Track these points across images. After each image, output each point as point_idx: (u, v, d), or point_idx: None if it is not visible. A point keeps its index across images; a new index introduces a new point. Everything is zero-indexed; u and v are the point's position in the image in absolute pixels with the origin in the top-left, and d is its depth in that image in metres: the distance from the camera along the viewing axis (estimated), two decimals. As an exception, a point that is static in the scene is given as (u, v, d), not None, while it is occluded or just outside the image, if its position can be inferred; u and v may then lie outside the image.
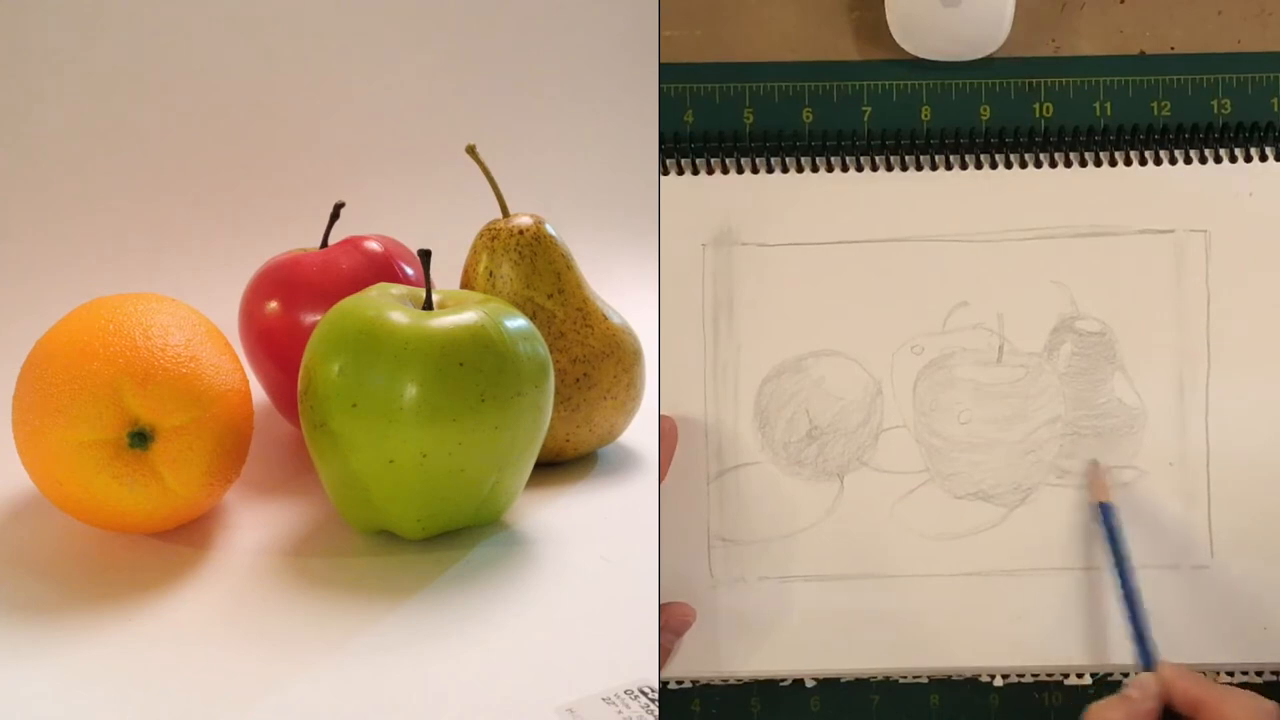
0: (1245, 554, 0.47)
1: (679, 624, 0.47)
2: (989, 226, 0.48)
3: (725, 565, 0.48)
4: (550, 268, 0.61)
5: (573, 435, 0.61)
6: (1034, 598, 0.48)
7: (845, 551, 0.48)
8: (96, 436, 0.49)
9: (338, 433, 0.50)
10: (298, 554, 0.53)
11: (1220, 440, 0.48)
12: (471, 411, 0.50)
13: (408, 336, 0.50)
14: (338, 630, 0.47)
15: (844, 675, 0.48)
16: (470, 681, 0.44)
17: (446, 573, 0.52)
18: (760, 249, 0.48)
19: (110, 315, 0.51)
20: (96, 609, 0.48)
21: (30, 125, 0.83)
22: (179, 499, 0.51)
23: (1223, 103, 0.48)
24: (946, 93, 0.48)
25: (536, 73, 1.03)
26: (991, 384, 0.48)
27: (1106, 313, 0.48)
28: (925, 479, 0.48)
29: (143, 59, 0.86)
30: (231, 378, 0.53)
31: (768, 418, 0.48)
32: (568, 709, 0.42)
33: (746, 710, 0.49)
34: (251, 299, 0.63)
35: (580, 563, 0.53)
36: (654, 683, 0.44)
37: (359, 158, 0.94)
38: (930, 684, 0.49)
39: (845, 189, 0.48)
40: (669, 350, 0.48)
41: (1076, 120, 0.48)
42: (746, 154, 0.48)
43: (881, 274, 0.48)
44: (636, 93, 1.04)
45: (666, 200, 0.48)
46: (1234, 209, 0.48)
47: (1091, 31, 0.49)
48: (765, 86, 0.49)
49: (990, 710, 0.49)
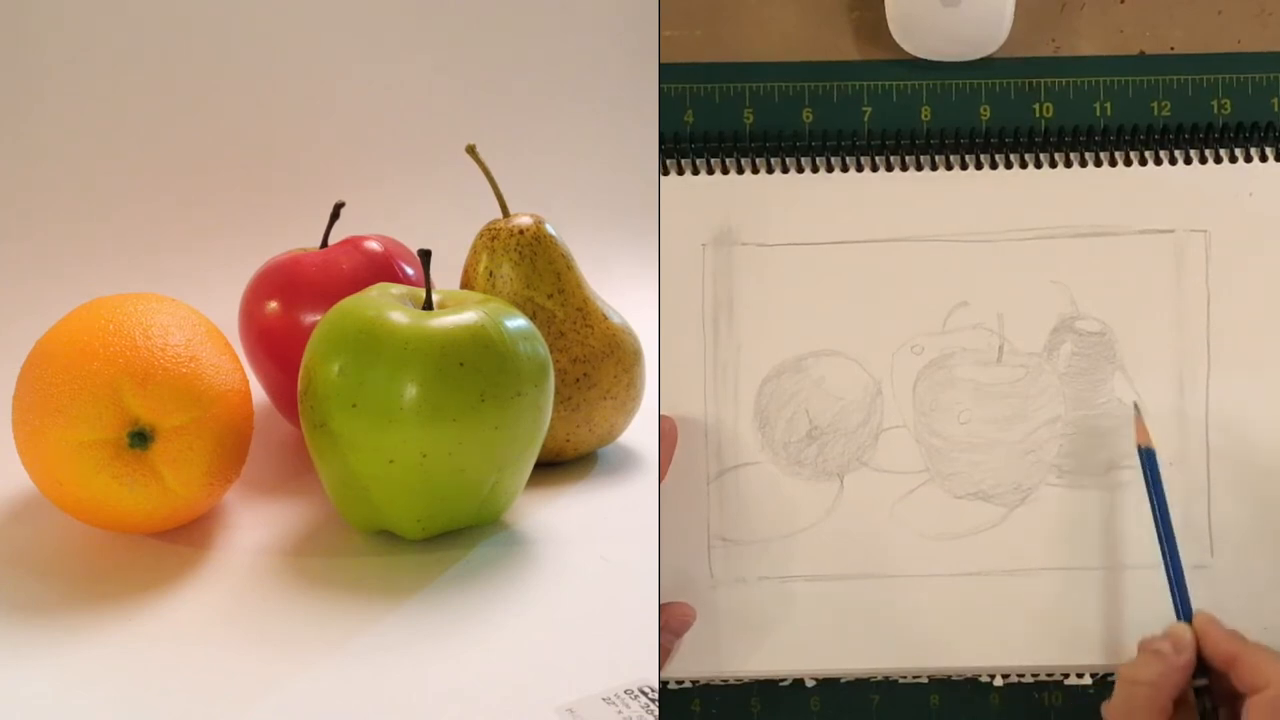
0: (1245, 553, 0.47)
1: (679, 624, 0.47)
2: (989, 226, 0.48)
3: (725, 565, 0.48)
4: (550, 268, 0.61)
5: (573, 435, 0.61)
6: (1034, 598, 0.48)
7: (845, 551, 0.48)
8: (96, 436, 0.49)
9: (338, 433, 0.50)
10: (298, 554, 0.53)
11: (1220, 440, 0.48)
12: (471, 411, 0.50)
13: (408, 336, 0.50)
14: (338, 630, 0.47)
15: (844, 675, 0.48)
16: (470, 681, 0.44)
17: (446, 573, 0.52)
18: (760, 249, 0.48)
19: (110, 315, 0.51)
20: (96, 609, 0.48)
21: (30, 125, 0.83)
22: (179, 499, 0.51)
23: (1223, 103, 0.48)
24: (946, 93, 0.48)
25: (536, 73, 1.03)
26: (991, 384, 0.48)
27: (1106, 313, 0.48)
28: (925, 479, 0.48)
29: (143, 59, 0.86)
30: (231, 378, 0.53)
31: (768, 418, 0.48)
32: (568, 709, 0.42)
33: (746, 710, 0.49)
34: (251, 299, 0.63)
35: (580, 563, 0.53)
36: (654, 683, 0.44)
37: (359, 158, 0.94)
38: (930, 684, 0.49)
39: (845, 189, 0.48)
40: (669, 350, 0.48)
41: (1076, 120, 0.48)
42: (746, 154, 0.48)
43: (881, 274, 0.48)
44: (636, 93, 1.04)
45: (666, 200, 0.48)
46: (1234, 209, 0.48)
47: (1091, 31, 0.49)
48: (765, 86, 0.49)
49: (990, 710, 0.49)
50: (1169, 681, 0.41)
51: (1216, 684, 0.42)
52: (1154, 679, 0.41)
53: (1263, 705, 0.40)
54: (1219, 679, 0.42)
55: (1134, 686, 0.41)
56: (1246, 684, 0.40)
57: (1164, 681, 0.41)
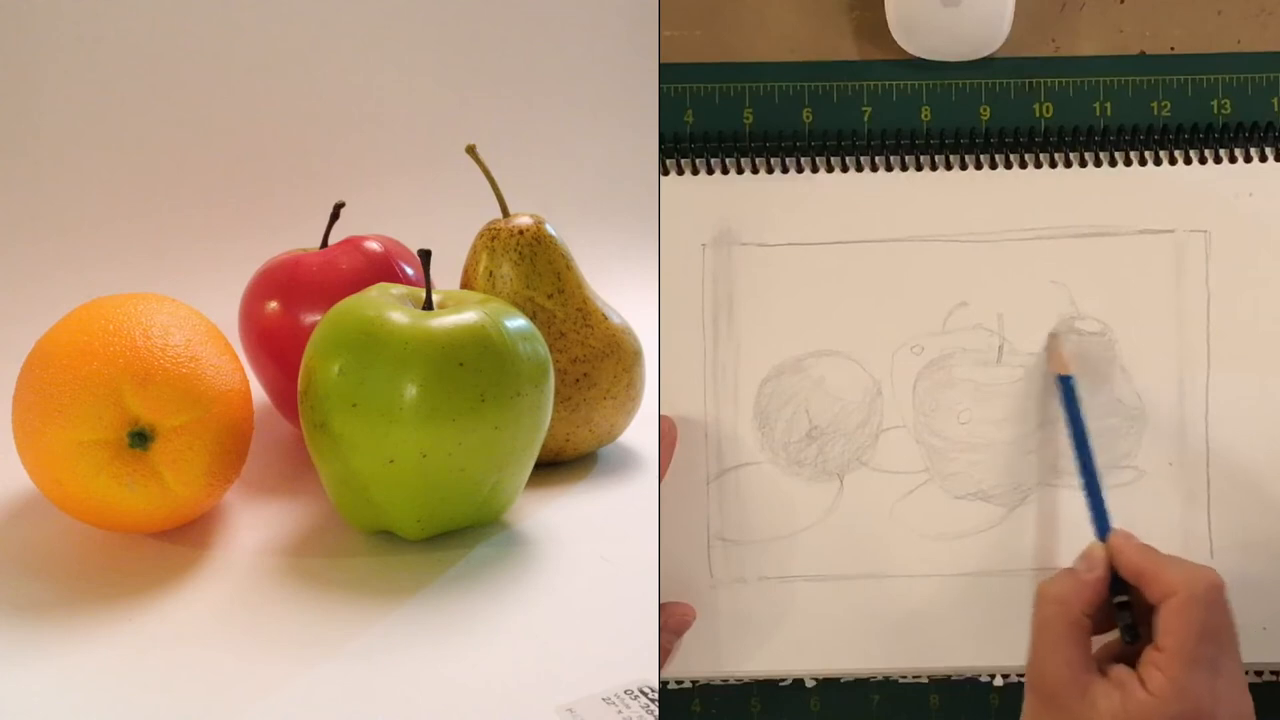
0: (1245, 554, 0.47)
1: (679, 624, 0.47)
2: (989, 226, 0.48)
3: (725, 565, 0.48)
4: (550, 268, 0.61)
5: (573, 435, 0.61)
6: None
7: (845, 551, 0.48)
8: (96, 436, 0.49)
9: (338, 433, 0.50)
10: (298, 554, 0.53)
11: (1220, 440, 0.48)
12: (471, 411, 0.50)
13: (408, 336, 0.50)
14: (338, 630, 0.47)
15: (844, 675, 0.48)
16: (470, 681, 0.44)
17: (446, 573, 0.52)
18: (760, 249, 0.48)
19: (110, 315, 0.51)
20: (96, 609, 0.48)
21: (31, 125, 0.83)
22: (179, 499, 0.51)
23: (1223, 103, 0.48)
24: (946, 93, 0.48)
25: (536, 73, 1.03)
26: (991, 384, 0.48)
27: (1106, 313, 0.48)
28: (925, 479, 0.48)
29: (143, 59, 0.86)
30: (231, 378, 0.53)
31: (768, 418, 0.48)
32: (568, 709, 0.42)
33: (746, 710, 0.49)
34: (251, 299, 0.63)
35: (580, 563, 0.53)
36: (654, 683, 0.44)
37: (359, 158, 0.94)
38: (930, 684, 0.49)
39: (845, 189, 0.48)
40: (669, 350, 0.48)
41: (1076, 120, 0.48)
42: (746, 154, 0.48)
43: (881, 274, 0.48)
44: (636, 93, 1.04)
45: (666, 200, 0.48)
46: (1234, 209, 0.48)
47: (1091, 31, 0.49)
48: (765, 86, 0.49)
49: (990, 710, 0.49)
50: (1080, 597, 0.42)
51: (1136, 600, 0.43)
52: (1062, 594, 0.42)
53: (1170, 612, 0.40)
54: (1138, 595, 0.42)
55: (1044, 603, 0.42)
56: (1156, 595, 0.41)
57: (1074, 597, 0.42)
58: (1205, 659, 0.40)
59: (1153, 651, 0.40)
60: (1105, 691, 0.40)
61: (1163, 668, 0.40)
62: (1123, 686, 0.40)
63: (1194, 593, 0.40)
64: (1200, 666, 0.40)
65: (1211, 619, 0.40)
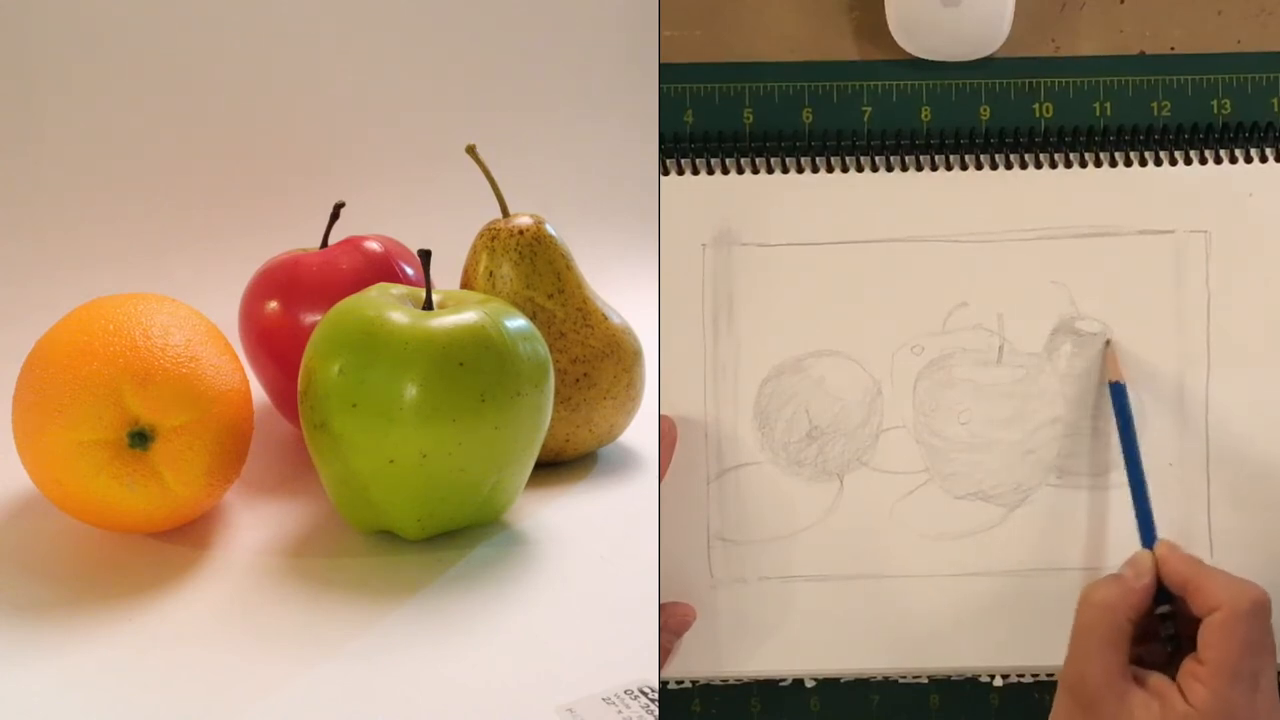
0: (1245, 554, 0.47)
1: (679, 624, 0.47)
2: (989, 226, 0.48)
3: (725, 565, 0.48)
4: (550, 268, 0.61)
5: (573, 435, 0.61)
6: (1034, 598, 0.48)
7: (845, 551, 0.48)
8: (96, 436, 0.49)
9: (338, 433, 0.50)
10: (298, 554, 0.53)
11: (1220, 440, 0.48)
12: (471, 411, 0.50)
13: (408, 336, 0.50)
14: (338, 630, 0.47)
15: (844, 675, 0.48)
16: (470, 681, 0.44)
17: (446, 573, 0.52)
18: (760, 249, 0.48)
19: (110, 315, 0.51)
20: (96, 609, 0.48)
21: (31, 125, 0.83)
22: (179, 499, 0.51)
23: (1223, 103, 0.48)
24: (946, 93, 0.48)
25: (536, 73, 1.03)
26: (991, 384, 0.48)
27: (1106, 313, 0.48)
28: (925, 479, 0.48)
29: (143, 59, 0.86)
30: (231, 378, 0.53)
31: (768, 418, 0.48)
32: (568, 709, 0.42)
33: (746, 710, 0.49)
34: (251, 299, 0.63)
35: (580, 563, 0.53)
36: (654, 683, 0.44)
37: (359, 158, 0.94)
38: (930, 684, 0.49)
39: (845, 189, 0.48)
40: (669, 350, 0.48)
41: (1076, 120, 0.48)
42: (746, 154, 0.48)
43: (881, 274, 0.48)
44: (636, 93, 1.04)
45: (666, 200, 0.48)
46: (1234, 209, 0.47)
47: (1091, 31, 0.49)
48: (765, 86, 0.49)
49: (990, 710, 0.49)
50: (1125, 604, 0.42)
51: (1180, 610, 0.43)
52: (1108, 601, 0.42)
53: (1214, 626, 0.40)
54: (1182, 605, 0.43)
55: (1089, 608, 0.42)
56: (1201, 607, 0.41)
57: (1119, 603, 0.42)
58: (1247, 674, 0.40)
59: (1194, 664, 0.40)
60: (1144, 701, 0.40)
61: (1205, 681, 0.40)
62: (1162, 697, 0.40)
63: (1238, 608, 0.40)
64: (1242, 681, 0.40)
65: (1254, 635, 0.40)
